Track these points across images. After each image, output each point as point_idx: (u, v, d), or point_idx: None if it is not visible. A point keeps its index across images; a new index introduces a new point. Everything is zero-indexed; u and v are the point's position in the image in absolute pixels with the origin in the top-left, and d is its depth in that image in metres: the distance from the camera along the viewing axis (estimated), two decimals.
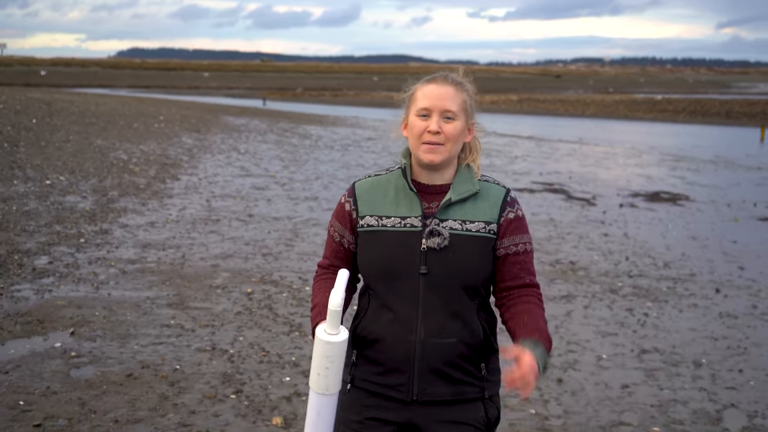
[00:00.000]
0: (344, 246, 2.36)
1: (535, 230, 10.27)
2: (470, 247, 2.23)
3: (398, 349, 2.24)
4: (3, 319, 5.60)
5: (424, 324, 2.22)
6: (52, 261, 7.25)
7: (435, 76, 2.32)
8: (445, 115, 2.25)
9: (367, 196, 2.32)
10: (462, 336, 2.24)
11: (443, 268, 2.21)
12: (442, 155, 2.24)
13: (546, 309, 6.34)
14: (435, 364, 2.23)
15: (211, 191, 11.85)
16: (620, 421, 4.66)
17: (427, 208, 2.27)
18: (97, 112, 23.13)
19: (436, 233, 2.21)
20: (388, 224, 2.27)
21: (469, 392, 2.28)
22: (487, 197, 2.30)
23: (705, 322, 6.76)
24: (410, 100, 2.33)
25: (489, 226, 2.26)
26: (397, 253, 2.24)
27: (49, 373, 4.73)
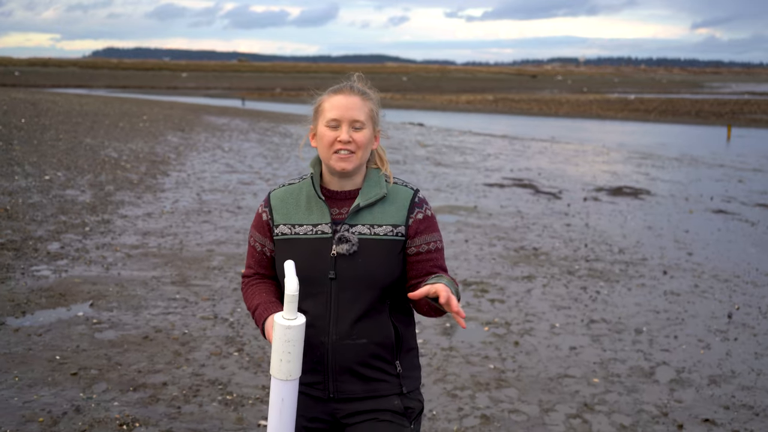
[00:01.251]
0: (266, 255, 2.44)
1: (502, 221, 11.10)
2: (378, 251, 2.31)
3: (313, 350, 2.32)
4: (29, 294, 6.36)
5: (336, 326, 2.31)
6: (63, 246, 8.00)
7: (341, 87, 2.40)
8: (354, 125, 2.32)
9: (280, 206, 2.40)
10: (373, 336, 2.33)
11: (352, 273, 2.29)
12: (353, 163, 2.32)
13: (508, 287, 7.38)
14: (347, 363, 2.33)
15: (200, 186, 12.61)
16: (566, 374, 5.48)
17: (338, 214, 2.36)
18: (82, 111, 23.71)
19: (344, 240, 2.29)
20: (300, 232, 2.34)
21: (384, 389, 2.37)
22: (395, 200, 2.38)
23: (650, 298, 7.59)
24: (317, 111, 2.40)
25: (397, 228, 2.34)
26: (309, 260, 2.31)
27: (76, 335, 5.50)
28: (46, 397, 4.49)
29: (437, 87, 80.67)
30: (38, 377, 4.75)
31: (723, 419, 4.86)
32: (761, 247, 10.24)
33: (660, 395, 5.20)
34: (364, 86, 2.44)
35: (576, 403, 4.98)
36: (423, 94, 64.34)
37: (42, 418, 4.23)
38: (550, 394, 5.11)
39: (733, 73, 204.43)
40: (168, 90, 67.54)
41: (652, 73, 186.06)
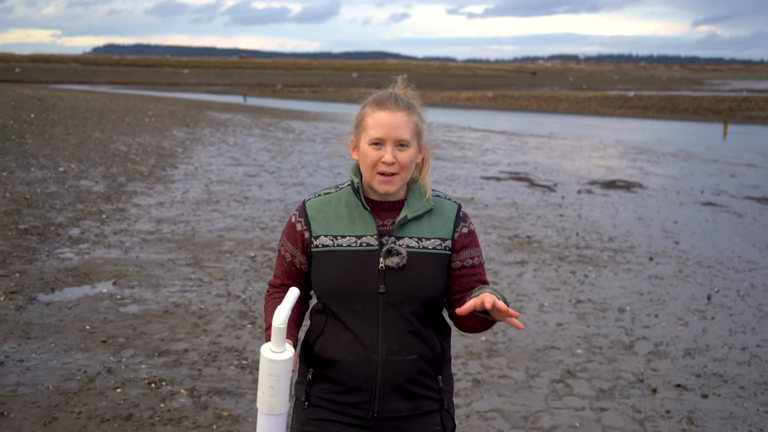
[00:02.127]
0: (296, 266, 2.34)
1: (498, 211, 11.58)
2: (428, 265, 2.24)
3: (360, 368, 2.23)
4: (56, 273, 6.86)
5: (385, 342, 2.22)
6: (83, 232, 8.50)
7: (384, 99, 2.28)
8: (399, 143, 2.23)
9: (319, 216, 2.30)
10: (422, 352, 2.26)
11: (402, 287, 2.22)
12: (397, 185, 2.23)
13: (501, 271, 7.97)
14: (396, 381, 2.24)
15: (208, 178, 13.10)
16: (552, 346, 5.97)
17: (382, 225, 2.27)
18: (88, 107, 24.16)
19: (394, 252, 2.21)
20: (343, 244, 2.25)
21: (427, 405, 2.31)
22: (441, 213, 2.31)
23: (635, 281, 8.07)
24: (360, 125, 2.30)
25: (444, 242, 2.28)
26: (354, 273, 2.22)
27: (102, 309, 6.00)
28: (80, 360, 5.00)
29: (437, 84, 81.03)
30: (72, 344, 5.26)
31: (694, 385, 5.35)
32: (745, 237, 10.70)
33: (637, 365, 5.68)
34: (408, 94, 2.33)
35: (560, 371, 5.47)
36: (423, 90, 64.69)
37: (79, 377, 4.73)
38: (536, 363, 5.59)
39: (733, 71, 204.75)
40: (170, 86, 67.87)
41: (652, 71, 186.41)
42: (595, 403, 4.95)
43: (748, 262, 9.16)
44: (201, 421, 4.29)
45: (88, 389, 4.57)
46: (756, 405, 5.06)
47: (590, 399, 5.01)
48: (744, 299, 7.59)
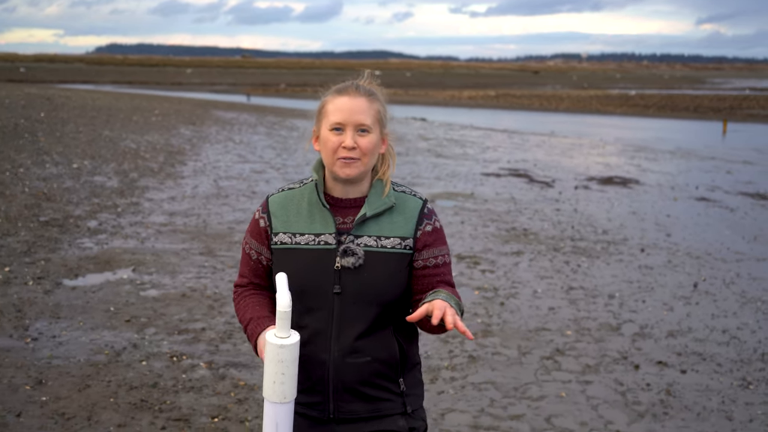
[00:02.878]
0: (262, 263, 2.29)
1: (496, 206, 12.00)
2: (385, 265, 2.19)
3: (312, 368, 2.20)
4: (79, 261, 7.31)
5: (337, 343, 2.19)
6: (101, 224, 8.94)
7: (345, 87, 2.25)
8: (360, 129, 2.18)
9: (280, 212, 2.25)
10: (377, 354, 2.21)
11: (358, 287, 2.17)
12: (358, 169, 2.18)
13: (498, 261, 8.44)
14: (350, 383, 2.20)
15: (216, 174, 13.54)
16: (543, 328, 6.39)
17: (342, 223, 2.22)
18: (95, 106, 24.60)
19: (350, 252, 2.17)
20: (301, 242, 2.20)
21: (388, 408, 2.25)
22: (403, 210, 2.25)
23: (626, 271, 8.48)
24: (321, 113, 2.26)
25: (405, 241, 2.22)
26: (310, 273, 2.18)
27: (124, 293, 6.44)
28: (107, 337, 5.43)
29: (440, 83, 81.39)
30: (98, 323, 5.70)
31: (674, 362, 5.76)
32: (735, 230, 11.10)
33: (623, 344, 6.10)
34: (372, 85, 2.29)
35: (550, 349, 5.89)
36: (426, 90, 65.20)
37: (107, 351, 5.17)
38: (528, 342, 6.02)
39: (735, 69, 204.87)
40: (173, 86, 68.22)
41: (654, 69, 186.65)
42: (581, 377, 5.37)
43: (735, 253, 9.56)
44: (220, 389, 4.72)
45: (116, 362, 5.01)
46: (731, 380, 5.47)
47: (577, 373, 5.43)
48: (729, 287, 7.99)
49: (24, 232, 8.28)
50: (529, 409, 4.81)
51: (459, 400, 4.88)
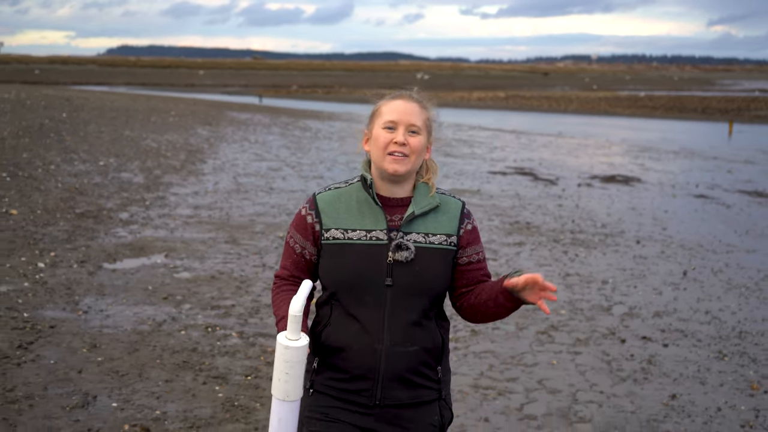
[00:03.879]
0: (305, 258, 2.41)
1: (501, 201, 12.62)
2: (434, 260, 2.34)
3: (364, 357, 2.33)
4: (116, 248, 8.00)
5: (389, 333, 2.32)
6: (132, 215, 9.64)
7: (401, 93, 2.44)
8: (411, 129, 2.35)
9: (330, 209, 2.38)
10: (424, 343, 2.37)
11: (409, 280, 2.32)
12: (406, 166, 2.33)
13: (500, 250, 9.22)
14: (398, 371, 2.34)
15: (235, 171, 14.23)
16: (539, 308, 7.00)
17: (390, 220, 2.36)
18: (114, 107, 25.34)
19: (404, 247, 2.31)
20: (354, 237, 2.34)
21: (427, 395, 2.41)
22: (447, 211, 2.42)
23: (621, 260, 9.08)
24: (374, 115, 2.43)
25: (450, 238, 2.39)
26: (363, 266, 2.31)
27: (159, 275, 7.11)
28: (148, 311, 6.11)
29: (450, 84, 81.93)
30: (139, 299, 6.38)
31: (658, 338, 6.37)
32: (729, 224, 11.67)
33: (612, 322, 6.71)
34: (424, 95, 2.49)
35: (545, 325, 6.51)
36: (436, 91, 65.81)
37: (150, 322, 5.84)
38: (525, 319, 6.64)
39: (745, 71, 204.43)
40: (186, 87, 68.77)
41: (663, 71, 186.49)
42: (572, 349, 5.99)
43: (726, 245, 10.14)
44: (251, 354, 5.37)
45: (158, 331, 5.69)
46: (708, 352, 6.08)
47: (568, 345, 6.05)
48: (716, 275, 8.58)
49: (63, 222, 8.98)
50: (523, 373, 5.44)
51: (461, 365, 5.51)
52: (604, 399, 5.08)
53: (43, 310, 6.02)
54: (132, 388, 4.71)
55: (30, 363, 4.97)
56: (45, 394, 4.53)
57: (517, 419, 4.71)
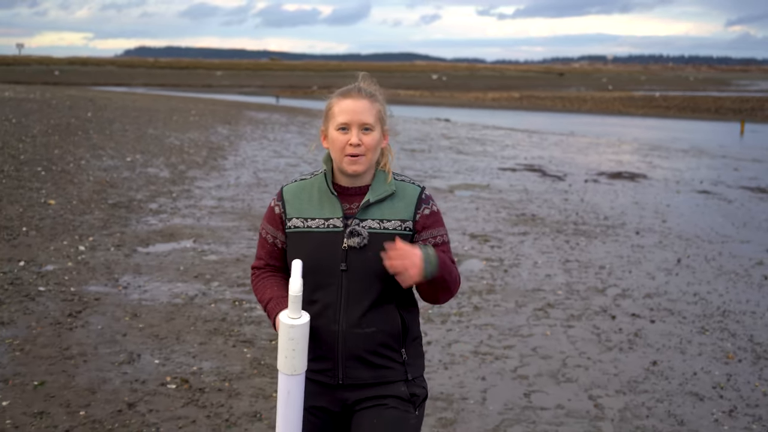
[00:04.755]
0: (278, 246, 2.54)
1: (509, 196, 13.20)
2: (387, 245, 2.36)
3: (323, 337, 2.43)
4: (148, 234, 8.69)
5: (346, 315, 2.42)
6: (160, 206, 10.32)
7: (349, 90, 2.49)
8: (364, 127, 2.42)
9: (293, 200, 2.49)
10: (381, 325, 2.45)
11: (362, 265, 2.41)
12: (364, 165, 2.43)
13: (506, 239, 9.96)
14: (356, 351, 2.44)
15: (255, 167, 14.90)
16: (539, 289, 7.59)
17: (348, 209, 2.45)
18: (136, 107, 26.08)
19: (355, 233, 2.40)
20: (312, 225, 2.44)
21: (391, 375, 2.49)
22: (403, 197, 2.49)
23: (619, 249, 9.64)
24: (328, 114, 2.49)
25: (405, 223, 2.45)
26: (321, 252, 2.42)
27: (189, 257, 7.77)
28: (181, 287, 6.76)
29: (465, 85, 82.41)
30: (172, 277, 7.03)
31: (646, 315, 6.94)
32: (728, 218, 12.19)
33: (605, 302, 7.29)
34: (372, 87, 2.53)
35: (542, 303, 7.10)
36: (451, 91, 66.35)
37: (183, 296, 6.50)
38: (524, 298, 7.23)
39: (762, 71, 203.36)
40: (203, 88, 69.50)
41: (679, 71, 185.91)
42: (565, 323, 6.57)
43: (722, 236, 10.67)
44: None
45: (191, 304, 6.34)
46: (691, 327, 6.65)
47: (562, 320, 6.64)
48: (709, 263, 9.12)
49: (97, 211, 9.67)
50: (519, 342, 6.04)
51: (463, 335, 6.11)
52: (590, 364, 5.66)
53: (87, 285, 6.70)
54: (171, 349, 5.36)
55: (80, 328, 5.63)
56: (96, 353, 5.19)
57: (511, 378, 5.31)
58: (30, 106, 20.89)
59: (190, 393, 4.69)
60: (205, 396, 4.66)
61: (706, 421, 4.80)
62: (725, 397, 5.20)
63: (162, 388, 4.74)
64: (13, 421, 4.18)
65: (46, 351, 5.18)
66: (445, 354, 5.69)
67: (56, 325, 5.65)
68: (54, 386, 4.65)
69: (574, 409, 4.86)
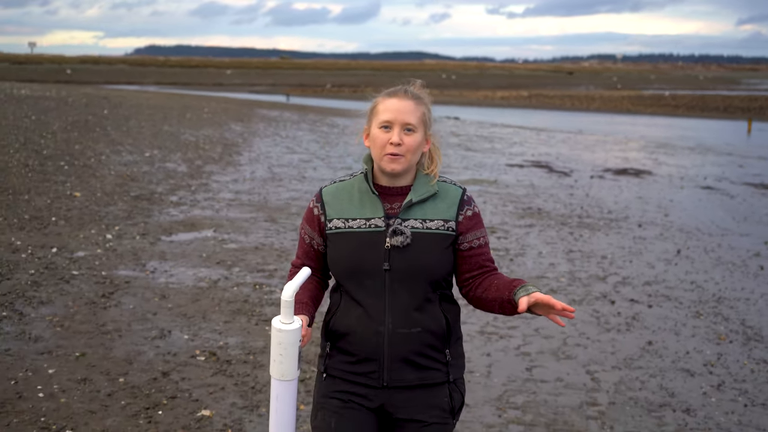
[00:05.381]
0: (314, 247, 2.53)
1: (516, 190, 13.57)
2: (430, 244, 2.40)
3: (368, 340, 2.41)
4: (170, 224, 9.14)
5: (391, 316, 2.40)
6: (180, 198, 10.76)
7: (396, 90, 2.48)
8: (406, 127, 2.41)
9: (333, 201, 2.49)
10: (426, 325, 2.42)
11: (405, 264, 2.38)
12: (402, 165, 2.41)
13: (512, 231, 10.49)
14: (402, 352, 2.41)
15: (269, 162, 15.34)
16: (542, 276, 7.98)
17: (390, 208, 2.44)
18: (150, 105, 26.54)
19: (399, 232, 2.38)
20: (354, 225, 2.43)
21: (435, 377, 2.46)
22: (445, 197, 2.48)
23: (621, 240, 10.01)
24: (372, 112, 2.49)
25: (447, 224, 2.44)
26: (363, 252, 2.40)
27: (210, 245, 8.20)
28: (205, 272, 7.19)
29: (474, 83, 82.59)
30: (196, 263, 7.46)
31: (644, 300, 7.32)
32: (729, 212, 12.53)
33: (605, 288, 7.67)
34: (420, 91, 2.53)
35: (545, 289, 7.48)
36: (460, 90, 66.65)
37: (207, 280, 6.93)
38: None
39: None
40: (214, 86, 69.86)
41: (689, 70, 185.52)
42: None
43: (722, 229, 11.02)
44: None
45: (215, 287, 6.76)
46: (686, 312, 7.02)
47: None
48: (708, 254, 9.48)
49: (121, 203, 10.12)
50: (523, 323, 6.43)
51: (470, 317, 6.51)
52: (589, 343, 6.05)
53: (116, 270, 7.14)
54: (198, 326, 5.78)
55: (114, 307, 6.06)
56: (130, 329, 5.62)
57: (514, 355, 5.71)
58: (47, 103, 21.37)
59: (218, 364, 5.11)
60: (231, 367, 5.08)
61: (696, 394, 5.18)
62: (714, 373, 5.57)
63: (192, 359, 5.16)
64: (60, 386, 4.60)
65: (84, 327, 5.61)
66: None
67: (91, 305, 6.08)
68: (94, 357, 5.07)
69: (572, 382, 5.25)
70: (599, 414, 4.78)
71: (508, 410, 4.76)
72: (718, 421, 4.78)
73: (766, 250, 9.76)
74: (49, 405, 4.34)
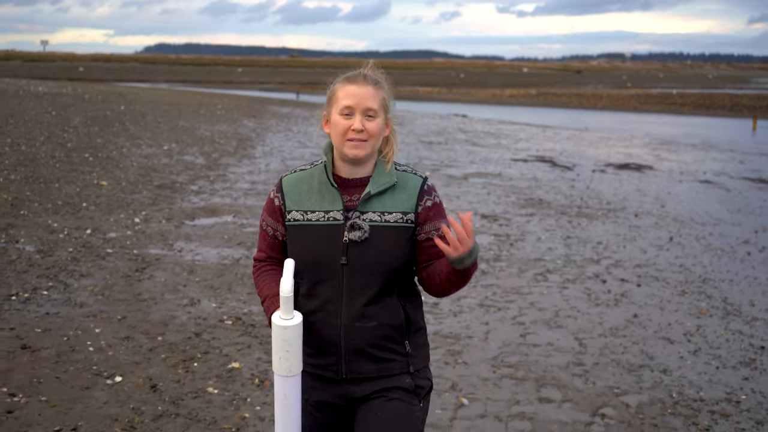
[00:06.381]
0: (278, 239, 2.49)
1: (519, 183, 14.14)
2: (389, 238, 2.38)
3: (325, 332, 2.41)
4: (192, 210, 9.78)
5: (347, 309, 2.39)
6: (200, 188, 11.39)
7: (354, 75, 2.43)
8: (367, 113, 2.37)
9: (292, 192, 2.44)
10: (383, 319, 2.41)
11: (363, 259, 2.37)
12: (366, 150, 2.37)
13: (513, 219, 11.27)
14: (359, 345, 2.41)
15: (282, 155, 15.96)
16: (540, 259, 8.56)
17: (349, 201, 2.41)
18: (165, 101, 27.23)
19: (356, 227, 2.35)
20: (312, 218, 2.40)
21: (394, 368, 2.46)
22: (405, 188, 2.44)
23: (617, 228, 10.57)
24: (331, 98, 2.43)
25: (406, 216, 2.41)
26: (321, 246, 2.38)
27: (230, 229, 8.82)
28: (227, 251, 7.81)
29: (483, 82, 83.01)
30: (219, 244, 8.08)
31: (634, 280, 7.89)
32: (724, 204, 13.05)
33: (598, 269, 8.24)
34: (377, 74, 2.49)
35: (542, 270, 8.06)
36: (469, 88, 67.16)
37: (229, 258, 7.56)
38: (526, 265, 8.21)
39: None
40: (224, 84, 70.48)
41: (698, 69, 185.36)
42: (561, 285, 7.54)
43: (715, 219, 11.56)
44: None
45: (237, 264, 7.39)
46: (672, 290, 7.59)
47: (558, 283, 7.61)
48: (699, 241, 10.03)
49: (145, 192, 10.76)
50: (519, 298, 7.02)
51: (471, 293, 7.10)
52: (579, 315, 6.64)
53: (146, 249, 7.77)
54: (224, 296, 6.41)
55: (147, 280, 6.70)
56: (163, 298, 6.25)
57: (510, 324, 6.30)
58: (65, 100, 22.07)
59: (244, 327, 5.72)
60: (256, 330, 5.69)
61: (673, 358, 5.76)
62: (692, 341, 6.15)
63: (220, 323, 5.78)
64: (106, 342, 5.23)
65: (122, 296, 6.24)
66: (454, 305, 6.68)
67: (126, 278, 6.71)
68: (134, 320, 5.70)
69: (561, 346, 5.84)
70: (584, 372, 5.36)
71: (502, 368, 5.35)
72: (691, 379, 5.35)
73: (755, 237, 10.29)
74: (99, 356, 4.97)
